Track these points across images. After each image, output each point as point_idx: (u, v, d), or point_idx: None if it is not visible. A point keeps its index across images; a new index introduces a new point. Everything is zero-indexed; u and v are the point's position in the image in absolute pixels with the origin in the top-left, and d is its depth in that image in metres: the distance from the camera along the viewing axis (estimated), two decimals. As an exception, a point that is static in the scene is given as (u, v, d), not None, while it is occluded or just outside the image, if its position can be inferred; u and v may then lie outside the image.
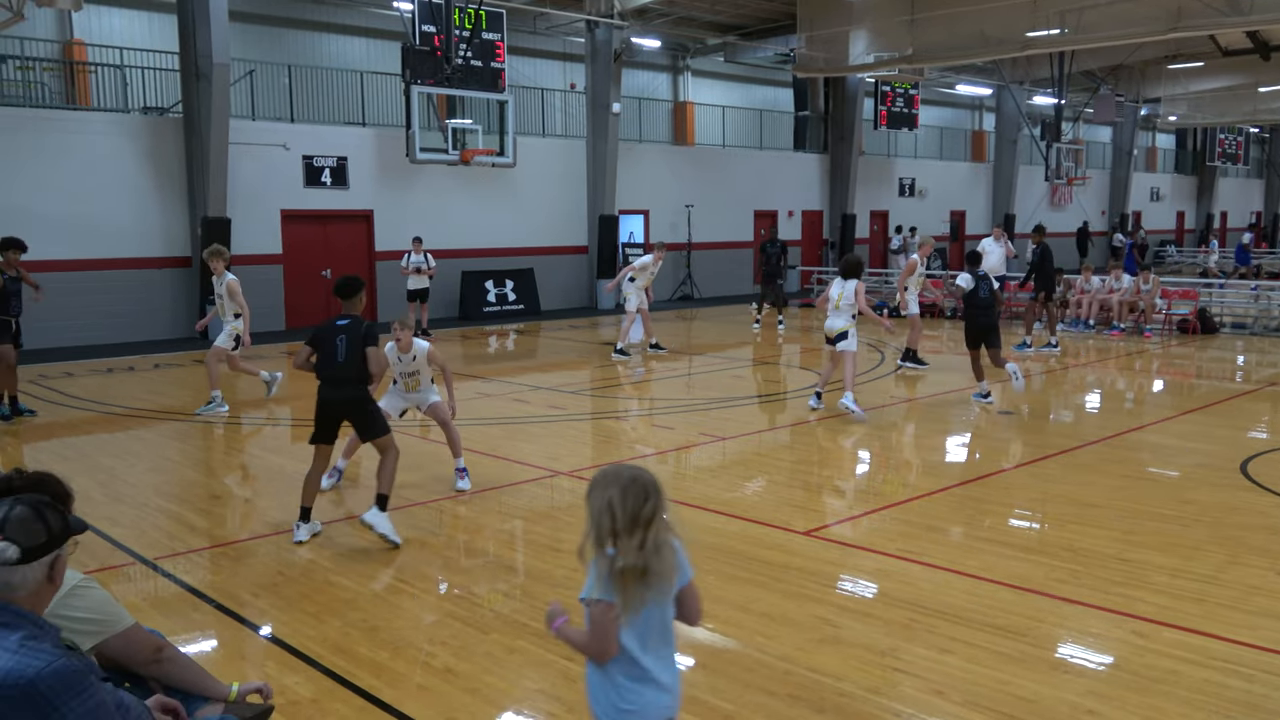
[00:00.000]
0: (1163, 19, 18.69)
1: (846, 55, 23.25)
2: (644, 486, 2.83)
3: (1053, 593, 5.66)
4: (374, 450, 6.98)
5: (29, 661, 2.49)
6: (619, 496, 2.82)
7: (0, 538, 2.63)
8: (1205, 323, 18.32)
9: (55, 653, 2.56)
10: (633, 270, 15.75)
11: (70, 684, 2.51)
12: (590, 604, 2.82)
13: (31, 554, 2.65)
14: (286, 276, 19.68)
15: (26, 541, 2.65)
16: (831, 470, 9.01)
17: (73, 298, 16.98)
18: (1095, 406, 12.09)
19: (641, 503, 2.81)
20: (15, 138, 16.51)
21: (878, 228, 32.24)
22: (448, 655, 4.94)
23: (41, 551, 2.68)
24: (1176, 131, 46.33)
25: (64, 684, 2.49)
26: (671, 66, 29.28)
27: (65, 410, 11.69)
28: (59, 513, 2.78)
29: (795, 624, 5.27)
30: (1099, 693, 4.47)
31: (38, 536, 2.67)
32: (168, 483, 8.65)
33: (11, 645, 2.52)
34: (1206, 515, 7.19)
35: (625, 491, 2.82)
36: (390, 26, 21.96)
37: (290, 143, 19.39)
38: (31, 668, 2.47)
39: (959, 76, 32.60)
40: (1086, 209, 38.37)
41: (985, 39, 21.02)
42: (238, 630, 5.37)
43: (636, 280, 15.64)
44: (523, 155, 20.69)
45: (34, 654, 2.52)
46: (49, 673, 2.48)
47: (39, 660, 2.50)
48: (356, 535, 6.92)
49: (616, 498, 2.82)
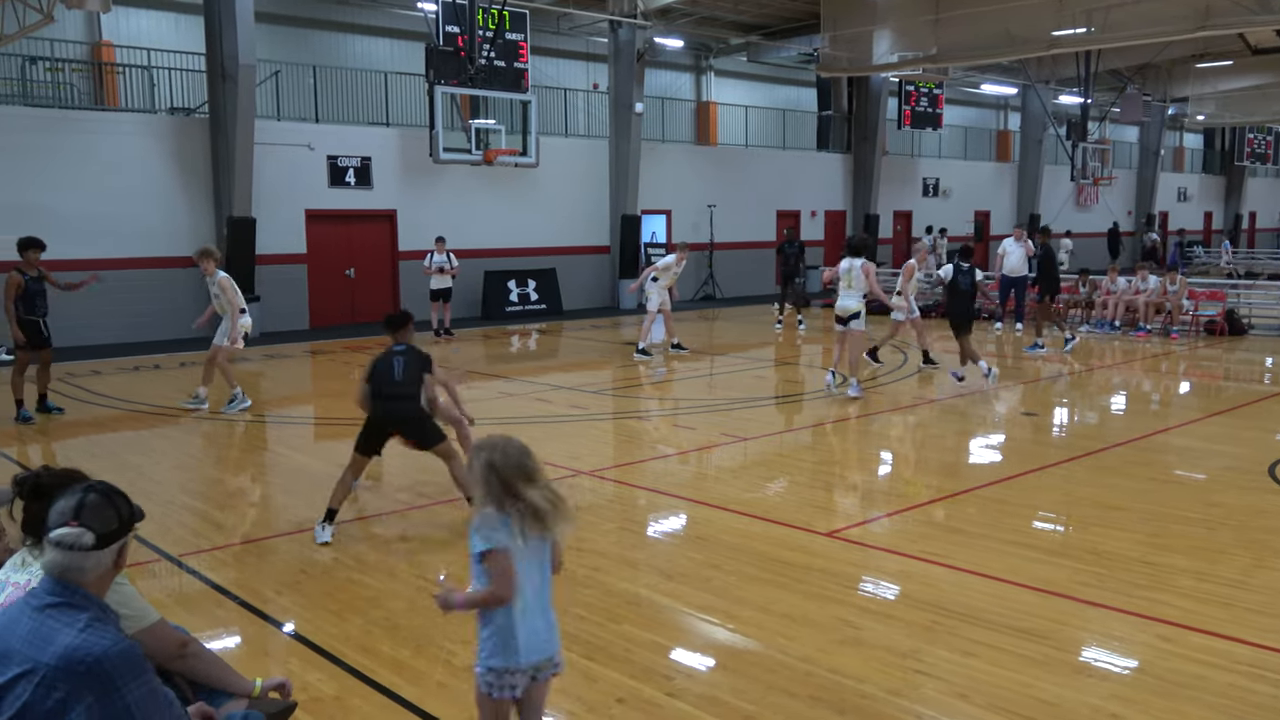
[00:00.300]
0: (1191, 17, 18.49)
1: (870, 55, 23.15)
2: (519, 447, 3.25)
3: (1076, 596, 5.62)
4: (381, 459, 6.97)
5: (96, 640, 2.58)
6: (500, 458, 3.21)
7: (76, 524, 2.71)
8: (1233, 324, 18.13)
9: (119, 635, 2.66)
10: (655, 270, 15.76)
11: (133, 666, 2.60)
12: (489, 555, 3.16)
13: (105, 540, 2.74)
14: (310, 276, 19.79)
15: (101, 528, 2.74)
16: (853, 471, 8.98)
17: (100, 296, 17.03)
18: (1120, 408, 11.99)
19: (523, 458, 3.23)
20: (45, 138, 16.69)
21: (901, 228, 32.10)
22: (469, 653, 4.94)
23: (114, 538, 2.77)
24: (1204, 131, 45.83)
25: (127, 665, 2.59)
26: (694, 66, 29.26)
27: (92, 408, 11.82)
28: (127, 500, 2.87)
29: (817, 625, 5.26)
30: (1123, 697, 4.44)
31: (110, 523, 2.76)
32: (192, 480, 8.72)
33: (79, 625, 2.62)
34: (1233, 518, 7.11)
35: (504, 453, 3.22)
36: (414, 27, 22.05)
37: (315, 143, 19.51)
38: (99, 646, 2.57)
39: (984, 76, 32.40)
40: (1113, 209, 38.04)
41: (1010, 38, 20.87)
42: (261, 627, 5.41)
43: (660, 280, 15.64)
44: (545, 155, 20.72)
45: (100, 634, 2.62)
46: (115, 653, 2.58)
47: (105, 640, 2.60)
48: (378, 534, 6.95)
49: (498, 459, 3.21)
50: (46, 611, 2.65)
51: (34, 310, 10.86)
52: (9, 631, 2.66)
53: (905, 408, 11.61)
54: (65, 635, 2.59)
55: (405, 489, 8.22)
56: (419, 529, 7.14)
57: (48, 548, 2.74)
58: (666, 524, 7.41)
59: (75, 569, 2.70)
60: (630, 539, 6.96)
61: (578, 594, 5.70)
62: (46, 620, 2.64)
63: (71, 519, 2.72)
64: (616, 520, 7.32)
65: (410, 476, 8.61)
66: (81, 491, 2.79)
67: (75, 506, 2.74)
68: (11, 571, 3.21)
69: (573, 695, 4.52)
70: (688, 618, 5.45)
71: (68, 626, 2.61)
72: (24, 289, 10.72)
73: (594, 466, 8.80)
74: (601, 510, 7.57)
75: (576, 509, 3.33)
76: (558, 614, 3.42)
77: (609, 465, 8.84)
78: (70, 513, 2.73)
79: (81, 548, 2.70)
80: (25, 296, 10.75)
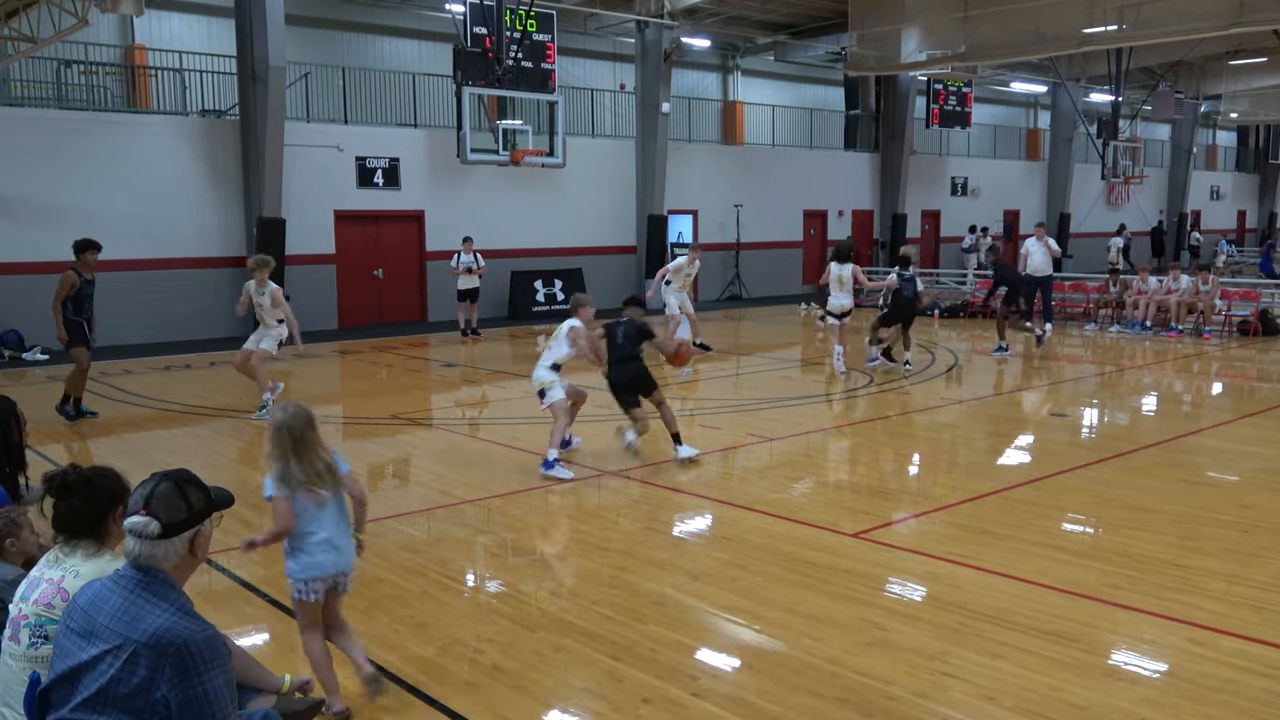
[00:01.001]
0: (1225, 13, 18.26)
1: (898, 53, 23.02)
2: (306, 417, 4.31)
3: (1106, 598, 5.56)
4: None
5: (187, 624, 2.70)
6: (289, 421, 4.26)
7: (145, 513, 2.81)
8: (1267, 324, 17.89)
9: (206, 624, 2.77)
10: (668, 273, 15.78)
11: (217, 655, 2.71)
12: (273, 500, 4.24)
13: (172, 529, 2.83)
14: (339, 276, 19.93)
15: (168, 518, 2.83)
16: (879, 472, 8.93)
17: (132, 297, 17.35)
18: (1152, 409, 11.86)
19: (306, 428, 4.28)
20: (79, 140, 16.90)
21: (929, 227, 31.89)
22: (495, 652, 4.97)
23: (182, 528, 2.86)
24: (1238, 128, 45.25)
25: (213, 653, 2.69)
26: (721, 66, 29.21)
27: (124, 407, 11.95)
28: (202, 490, 2.96)
29: (843, 626, 5.24)
30: (1154, 700, 4.39)
31: (178, 513, 2.86)
32: (222, 479, 8.71)
33: (170, 607, 2.73)
34: (1266, 521, 7.02)
35: (293, 418, 4.27)
36: (442, 29, 22.16)
37: (344, 144, 19.64)
38: (189, 629, 2.69)
39: (1013, 74, 32.13)
40: (1144, 208, 37.65)
41: (1040, 36, 20.69)
42: (289, 625, 5.43)
43: (673, 282, 15.67)
44: (572, 155, 20.75)
45: (191, 619, 2.74)
46: (203, 639, 2.69)
47: (195, 625, 2.72)
48: (404, 532, 6.99)
49: (287, 421, 4.26)
50: (137, 592, 2.76)
51: (81, 311, 10.86)
52: (95, 608, 2.76)
53: (932, 408, 11.54)
54: (157, 616, 2.69)
55: (431, 487, 8.26)
56: (445, 527, 7.17)
57: (126, 535, 2.85)
58: (692, 524, 7.41)
59: (148, 556, 2.81)
60: (656, 539, 6.96)
61: (603, 594, 5.71)
62: (137, 599, 2.74)
63: (142, 507, 2.82)
64: (642, 520, 7.33)
65: (436, 474, 8.66)
66: (155, 480, 2.90)
67: (147, 495, 2.85)
68: (46, 568, 3.25)
69: (598, 695, 4.53)
70: (713, 618, 5.44)
71: (159, 608, 2.72)
72: (77, 289, 10.74)
73: (619, 466, 8.81)
74: (627, 510, 7.58)
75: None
76: (578, 610, 3.41)
77: (635, 466, 8.84)
78: (142, 501, 2.84)
79: (149, 536, 2.79)
80: (76, 298, 10.78)
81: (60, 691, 2.72)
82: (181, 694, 2.61)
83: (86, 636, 2.71)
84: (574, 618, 5.36)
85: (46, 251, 16.44)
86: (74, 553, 3.24)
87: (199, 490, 2.94)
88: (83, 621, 2.75)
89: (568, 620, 5.34)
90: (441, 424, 11.52)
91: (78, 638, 2.74)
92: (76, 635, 2.74)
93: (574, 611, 5.45)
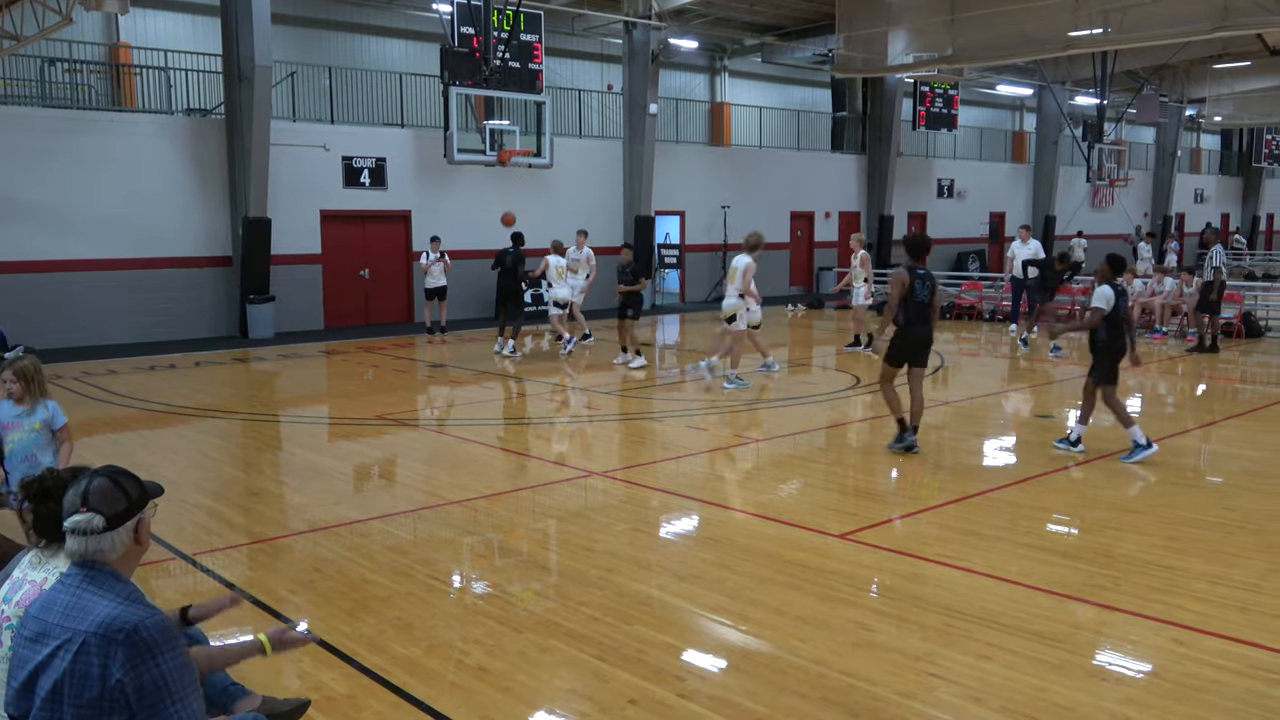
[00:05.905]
0: (1209, 17, 18.36)
1: (885, 55, 23.06)
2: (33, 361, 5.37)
3: (1092, 599, 5.58)
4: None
5: (135, 611, 2.74)
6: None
7: (85, 509, 2.85)
8: (1250, 326, 18.01)
9: (154, 609, 2.82)
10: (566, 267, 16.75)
11: (169, 637, 2.74)
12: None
13: (115, 520, 2.87)
14: (325, 276, 19.85)
15: (110, 510, 2.86)
16: (866, 473, 8.95)
17: (116, 296, 17.26)
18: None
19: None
20: (63, 139, 16.80)
21: (915, 229, 31.96)
22: (481, 653, 4.96)
23: (124, 518, 2.89)
24: (1222, 132, 45.54)
25: (164, 635, 2.73)
26: (709, 67, 29.22)
27: (108, 407, 11.88)
28: (135, 479, 2.99)
29: (829, 627, 5.24)
30: (1138, 701, 4.41)
31: (119, 504, 2.89)
32: (207, 479, 8.76)
33: (116, 597, 2.77)
34: (1250, 522, 7.06)
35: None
36: (429, 28, 22.10)
37: (330, 144, 19.57)
38: (136, 616, 2.72)
39: (999, 76, 32.26)
40: (1129, 211, 37.84)
41: (1026, 39, 20.77)
42: (274, 626, 5.42)
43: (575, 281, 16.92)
44: (560, 156, 20.74)
45: (139, 605, 2.78)
46: (152, 623, 2.72)
47: (143, 611, 2.75)
48: (391, 533, 6.97)
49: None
50: (83, 587, 2.80)
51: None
52: (45, 612, 2.80)
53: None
54: (104, 606, 2.73)
55: (418, 488, 8.24)
56: (431, 528, 7.15)
57: (66, 537, 2.88)
58: (679, 525, 7.40)
59: (95, 551, 2.84)
60: (643, 540, 6.96)
61: (590, 595, 5.70)
62: (84, 594, 2.78)
63: (80, 505, 2.85)
64: (629, 521, 7.32)
65: (422, 475, 8.64)
66: (87, 478, 2.92)
67: (83, 493, 2.87)
68: (29, 570, 3.25)
69: (585, 696, 4.52)
70: (700, 619, 5.44)
71: (104, 599, 2.76)
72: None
73: (607, 467, 8.80)
74: (614, 511, 7.57)
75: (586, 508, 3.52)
76: (564, 611, 3.40)
77: (621, 466, 8.84)
78: (79, 499, 2.86)
79: (94, 531, 2.83)
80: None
81: (23, 703, 2.76)
82: (136, 678, 2.64)
83: (39, 640, 2.75)
84: (560, 619, 5.35)
85: (30, 250, 16.37)
86: (56, 555, 3.24)
87: (132, 480, 2.97)
88: (35, 627, 2.79)
89: (554, 621, 5.32)
90: (427, 424, 11.49)
91: (32, 644, 2.77)
92: (31, 642, 2.78)
93: (560, 612, 5.44)
